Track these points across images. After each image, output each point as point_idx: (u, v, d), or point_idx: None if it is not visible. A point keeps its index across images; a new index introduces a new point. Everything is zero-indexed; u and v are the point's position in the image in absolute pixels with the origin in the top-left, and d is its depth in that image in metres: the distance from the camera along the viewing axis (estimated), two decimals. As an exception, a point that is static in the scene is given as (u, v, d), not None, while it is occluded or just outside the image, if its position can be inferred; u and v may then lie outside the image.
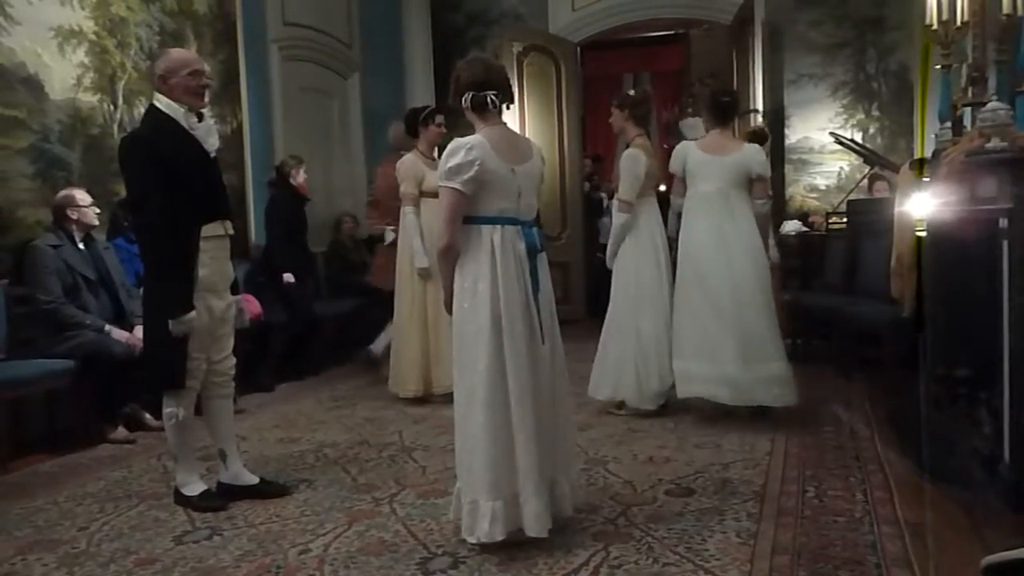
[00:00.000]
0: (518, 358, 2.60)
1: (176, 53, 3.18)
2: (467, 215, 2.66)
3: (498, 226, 2.66)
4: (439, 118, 4.99)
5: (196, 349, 3.09)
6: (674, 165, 4.36)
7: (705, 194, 4.20)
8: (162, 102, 3.06)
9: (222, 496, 3.21)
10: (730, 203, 4.16)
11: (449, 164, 2.62)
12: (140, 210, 3.06)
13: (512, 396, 2.59)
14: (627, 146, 4.47)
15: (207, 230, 3.08)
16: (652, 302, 4.32)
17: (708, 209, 4.18)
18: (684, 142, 4.55)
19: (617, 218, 4.37)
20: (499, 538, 2.58)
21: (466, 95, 2.71)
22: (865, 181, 6.84)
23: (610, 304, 4.44)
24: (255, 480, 3.30)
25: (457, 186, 2.61)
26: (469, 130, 2.76)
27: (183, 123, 3.05)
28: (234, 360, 3.33)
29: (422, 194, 4.77)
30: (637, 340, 4.28)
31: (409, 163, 4.86)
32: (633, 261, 4.34)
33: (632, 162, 4.29)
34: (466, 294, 2.67)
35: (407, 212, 4.81)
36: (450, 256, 2.69)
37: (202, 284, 3.06)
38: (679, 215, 4.35)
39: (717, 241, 4.13)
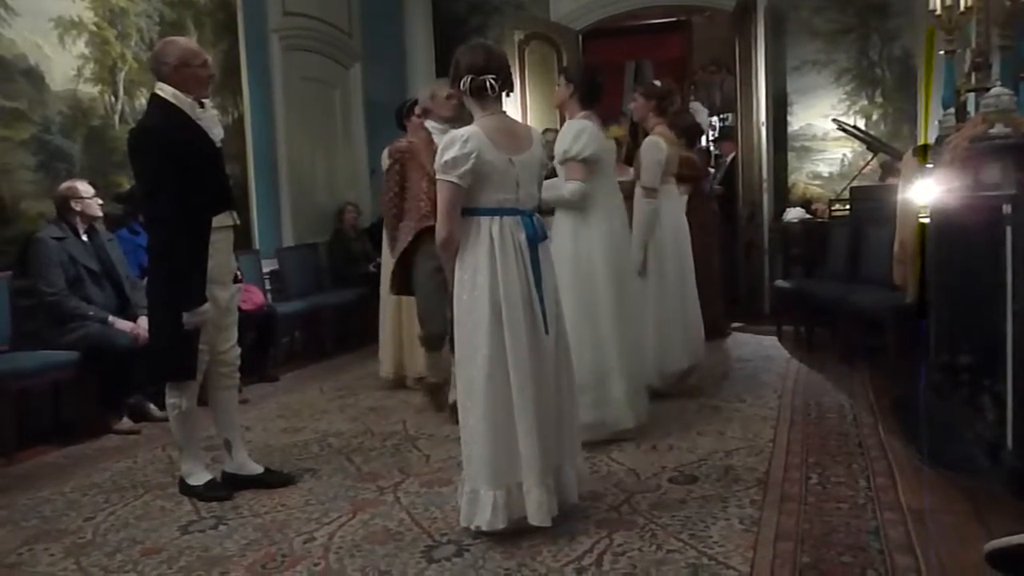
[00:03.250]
0: (519, 348, 2.60)
1: (185, 43, 3.15)
2: (466, 207, 2.65)
3: (497, 217, 2.65)
4: (418, 108, 4.87)
5: (201, 340, 3.09)
6: (589, 144, 3.62)
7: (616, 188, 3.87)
8: (167, 91, 3.03)
9: (227, 486, 3.22)
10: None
11: (445, 157, 2.60)
12: (152, 202, 3.03)
13: (513, 386, 2.59)
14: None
15: (215, 221, 3.08)
16: (674, 285, 4.38)
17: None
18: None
19: (646, 204, 4.32)
20: (500, 527, 2.59)
21: (465, 79, 2.70)
22: (869, 169, 6.82)
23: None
24: (260, 470, 3.31)
25: (454, 179, 2.60)
26: (466, 122, 2.75)
27: (190, 112, 3.05)
28: (239, 350, 3.33)
29: None
30: (659, 324, 4.32)
31: None
32: (654, 247, 4.37)
33: (654, 149, 4.34)
34: (465, 286, 2.66)
35: None
36: (449, 248, 2.68)
37: (209, 275, 3.05)
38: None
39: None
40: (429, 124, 4.28)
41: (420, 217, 4.08)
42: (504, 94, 2.75)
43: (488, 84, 2.68)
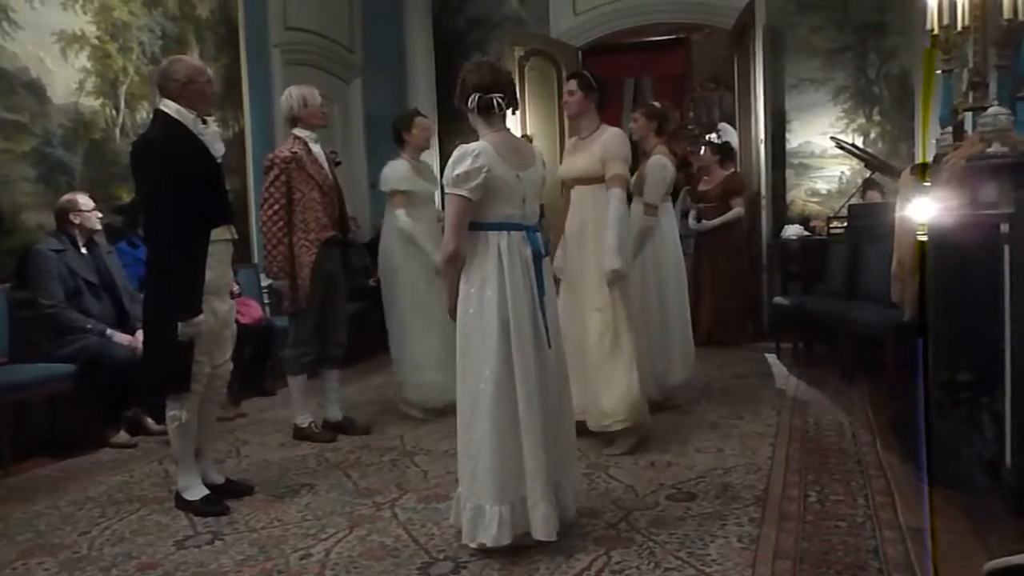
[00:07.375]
0: (526, 362, 2.60)
1: (191, 60, 3.24)
2: (473, 221, 2.66)
3: (504, 232, 2.67)
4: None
5: (200, 352, 3.10)
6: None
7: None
8: (171, 107, 3.07)
9: (223, 500, 3.21)
10: None
11: (456, 171, 2.61)
12: (152, 215, 3.07)
13: (520, 400, 2.59)
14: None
15: (214, 234, 3.10)
16: (675, 298, 4.52)
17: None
18: None
19: (644, 220, 4.42)
20: (506, 542, 2.58)
21: (473, 97, 2.71)
22: (859, 187, 6.86)
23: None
24: (221, 480, 3.35)
25: (465, 193, 2.61)
26: (468, 137, 2.77)
27: (192, 128, 3.08)
28: (231, 365, 3.37)
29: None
30: (663, 335, 4.45)
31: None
32: (653, 259, 4.49)
33: (662, 169, 4.47)
34: (472, 299, 2.66)
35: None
36: (456, 263, 2.68)
37: (207, 288, 3.07)
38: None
39: None
40: (302, 132, 4.21)
41: (320, 229, 4.05)
42: (510, 111, 2.78)
43: (495, 102, 2.71)
